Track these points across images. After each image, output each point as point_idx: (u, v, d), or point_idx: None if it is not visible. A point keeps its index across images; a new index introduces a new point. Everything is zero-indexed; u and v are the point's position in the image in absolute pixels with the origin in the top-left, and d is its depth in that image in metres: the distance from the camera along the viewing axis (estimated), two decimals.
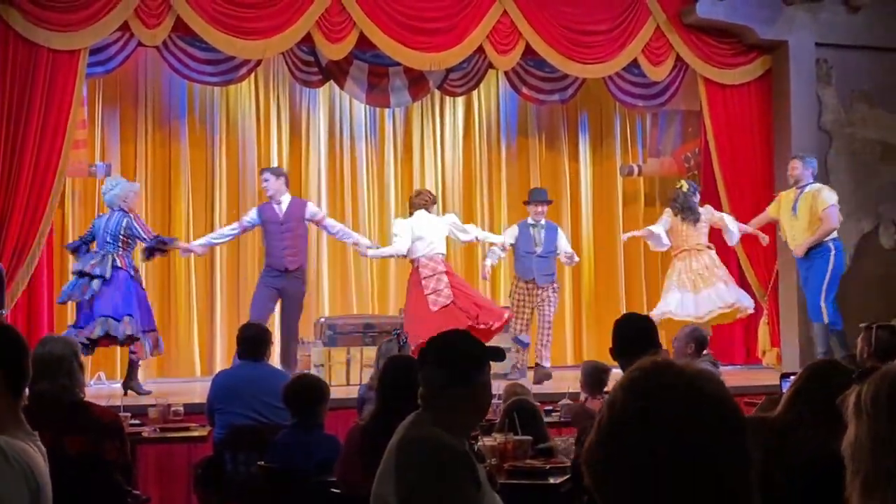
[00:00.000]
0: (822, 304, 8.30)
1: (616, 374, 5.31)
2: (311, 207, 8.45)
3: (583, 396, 5.84)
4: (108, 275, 7.54)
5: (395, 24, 8.61)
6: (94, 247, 7.78)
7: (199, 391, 7.39)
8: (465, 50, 8.85)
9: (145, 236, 7.80)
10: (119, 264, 7.63)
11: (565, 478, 3.93)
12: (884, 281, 9.24)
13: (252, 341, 5.61)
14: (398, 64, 9.03)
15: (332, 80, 9.40)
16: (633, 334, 3.99)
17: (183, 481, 6.29)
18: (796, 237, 8.49)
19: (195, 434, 5.67)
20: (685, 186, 9.02)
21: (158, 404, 5.95)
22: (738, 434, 1.67)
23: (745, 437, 1.69)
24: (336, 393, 5.07)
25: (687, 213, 8.87)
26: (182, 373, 9.57)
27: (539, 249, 8.78)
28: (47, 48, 7.83)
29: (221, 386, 5.52)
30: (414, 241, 8.20)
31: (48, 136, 7.78)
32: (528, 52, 9.01)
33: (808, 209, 8.42)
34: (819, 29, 9.40)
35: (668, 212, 9.04)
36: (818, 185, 8.56)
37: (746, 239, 9.06)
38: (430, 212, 8.38)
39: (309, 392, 4.47)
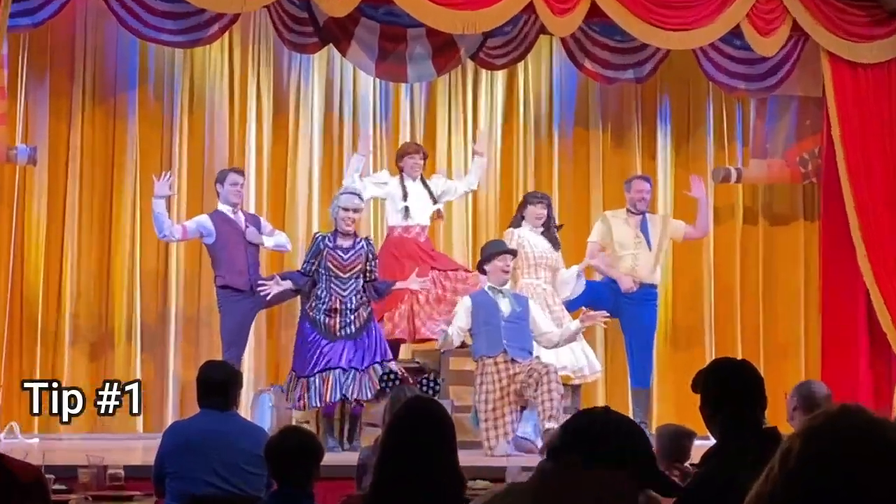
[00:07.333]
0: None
1: (702, 444, 5.17)
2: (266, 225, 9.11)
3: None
4: None
5: None
6: None
7: (142, 451, 7.50)
8: (509, 7, 8.85)
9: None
10: None
11: None
12: None
13: (218, 385, 5.59)
14: (420, 25, 9.04)
15: (331, 45, 9.42)
16: (740, 387, 3.89)
17: None
18: (644, 268, 9.17)
19: None
20: None
21: (91, 465, 5.94)
22: None
23: None
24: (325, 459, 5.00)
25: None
26: (120, 427, 9.53)
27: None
28: None
29: (176, 443, 5.50)
30: None
31: None
32: (594, 12, 9.02)
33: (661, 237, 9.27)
34: None
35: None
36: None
37: (881, 269, 9.03)
38: None
39: (298, 450, 4.43)
